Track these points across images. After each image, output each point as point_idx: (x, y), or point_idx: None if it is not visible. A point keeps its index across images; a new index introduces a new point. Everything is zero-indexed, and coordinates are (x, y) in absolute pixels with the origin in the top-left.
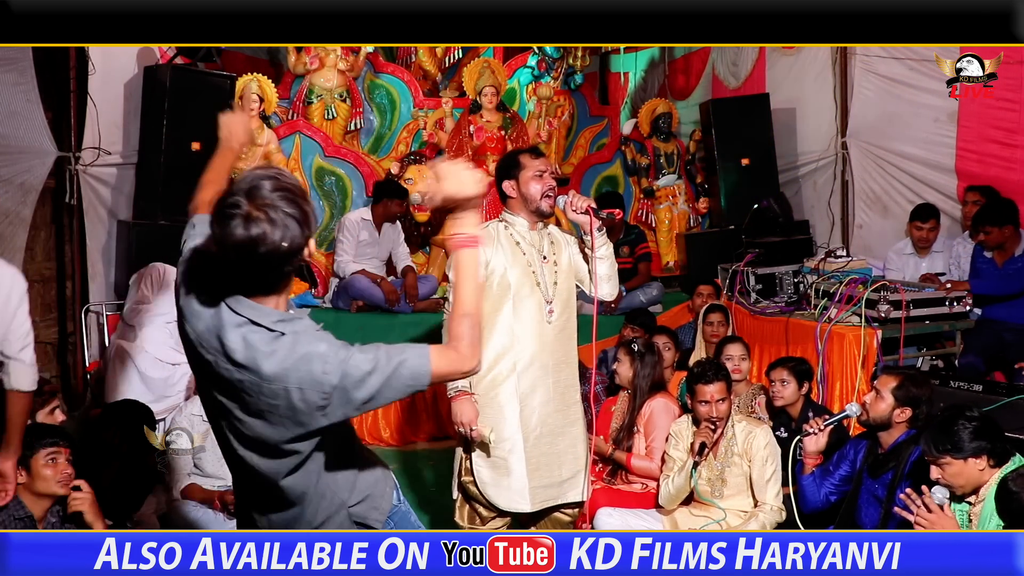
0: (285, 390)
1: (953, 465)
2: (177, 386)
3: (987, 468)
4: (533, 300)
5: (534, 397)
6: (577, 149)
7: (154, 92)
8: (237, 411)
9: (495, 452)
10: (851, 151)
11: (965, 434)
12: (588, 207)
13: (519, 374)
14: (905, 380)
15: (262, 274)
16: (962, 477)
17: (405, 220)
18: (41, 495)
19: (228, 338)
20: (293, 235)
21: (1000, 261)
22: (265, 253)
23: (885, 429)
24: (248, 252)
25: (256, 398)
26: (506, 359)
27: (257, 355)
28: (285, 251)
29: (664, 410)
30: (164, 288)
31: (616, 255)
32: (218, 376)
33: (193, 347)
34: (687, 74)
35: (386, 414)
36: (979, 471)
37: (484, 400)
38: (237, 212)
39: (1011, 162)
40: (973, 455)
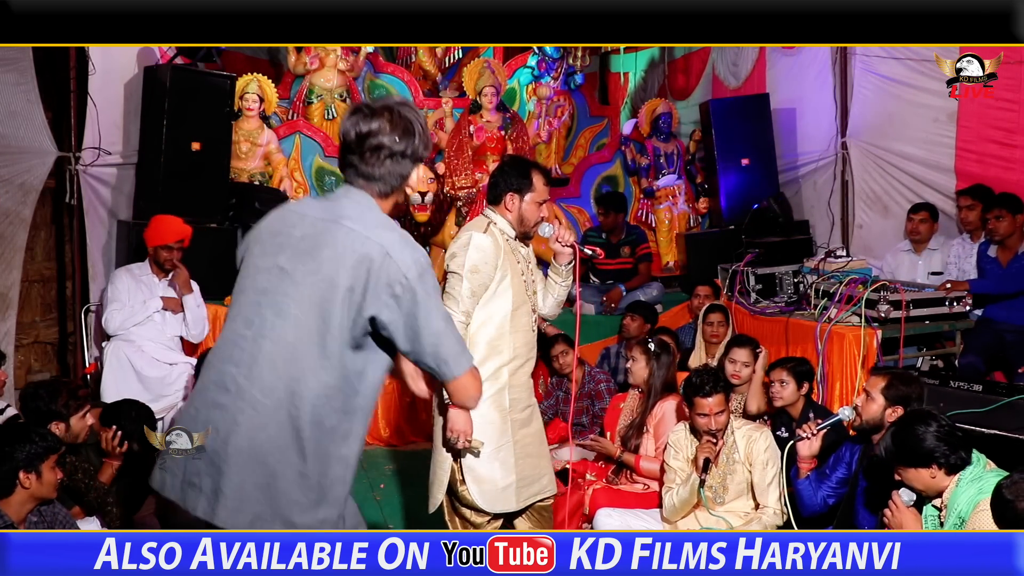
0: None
1: (907, 472)
2: (175, 385)
3: (940, 475)
4: (525, 309)
5: (520, 402)
6: (577, 149)
7: (154, 92)
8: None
9: (486, 458)
10: (851, 151)
11: (914, 444)
12: (574, 243)
13: (511, 381)
14: (893, 379)
15: (375, 171)
16: (918, 483)
17: (405, 220)
18: (34, 499)
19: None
20: (408, 140)
21: (1004, 260)
22: (377, 145)
23: (879, 431)
24: (363, 141)
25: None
26: (503, 367)
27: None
28: (399, 151)
29: (675, 410)
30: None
31: (617, 256)
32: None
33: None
34: (687, 74)
35: (386, 414)
36: (931, 479)
37: (485, 410)
38: (362, 109)
39: (1010, 162)
40: (922, 465)
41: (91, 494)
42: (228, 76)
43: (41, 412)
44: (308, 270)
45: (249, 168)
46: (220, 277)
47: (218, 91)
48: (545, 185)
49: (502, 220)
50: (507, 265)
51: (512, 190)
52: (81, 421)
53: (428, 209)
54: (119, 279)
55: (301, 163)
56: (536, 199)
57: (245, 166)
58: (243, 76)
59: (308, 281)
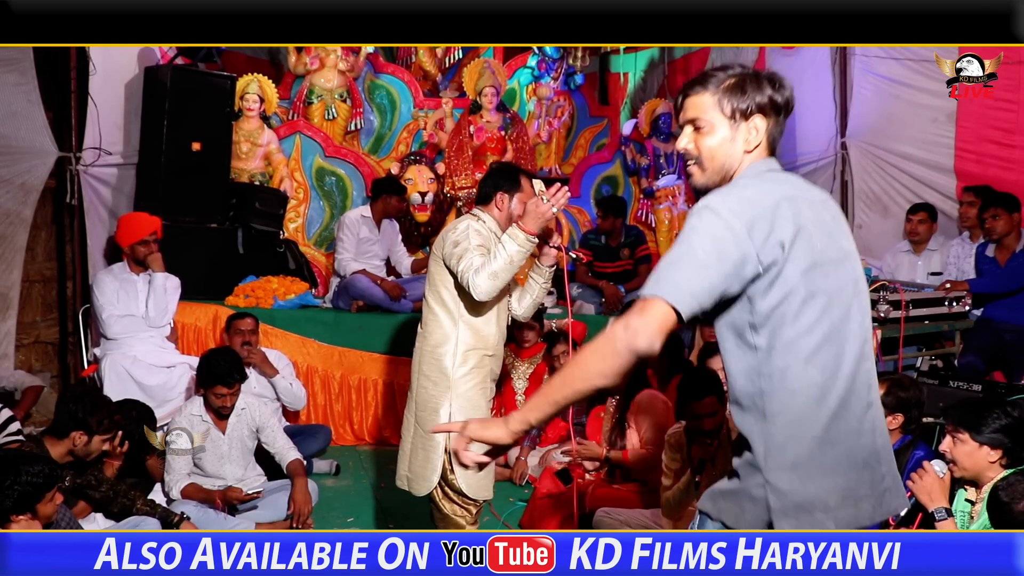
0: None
1: (967, 444)
2: (176, 388)
3: (997, 463)
4: (504, 305)
5: (490, 391)
6: (577, 149)
7: (155, 92)
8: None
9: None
10: (850, 151)
11: (992, 422)
12: (561, 245)
13: (492, 371)
14: (892, 386)
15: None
16: (971, 460)
17: (405, 220)
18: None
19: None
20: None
21: (1002, 260)
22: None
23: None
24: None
25: None
26: (489, 357)
27: None
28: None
29: (650, 400)
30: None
31: (617, 259)
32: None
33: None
34: (687, 74)
35: (387, 413)
36: (989, 462)
37: (470, 396)
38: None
39: (1009, 162)
40: (989, 444)
41: (103, 487)
42: (228, 76)
43: (73, 416)
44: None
45: (249, 168)
46: (220, 277)
47: (218, 91)
48: (532, 187)
49: (490, 219)
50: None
51: (502, 190)
52: (101, 443)
53: (428, 209)
54: (104, 283)
55: (301, 163)
56: (524, 199)
57: (245, 166)
58: (243, 76)
59: None
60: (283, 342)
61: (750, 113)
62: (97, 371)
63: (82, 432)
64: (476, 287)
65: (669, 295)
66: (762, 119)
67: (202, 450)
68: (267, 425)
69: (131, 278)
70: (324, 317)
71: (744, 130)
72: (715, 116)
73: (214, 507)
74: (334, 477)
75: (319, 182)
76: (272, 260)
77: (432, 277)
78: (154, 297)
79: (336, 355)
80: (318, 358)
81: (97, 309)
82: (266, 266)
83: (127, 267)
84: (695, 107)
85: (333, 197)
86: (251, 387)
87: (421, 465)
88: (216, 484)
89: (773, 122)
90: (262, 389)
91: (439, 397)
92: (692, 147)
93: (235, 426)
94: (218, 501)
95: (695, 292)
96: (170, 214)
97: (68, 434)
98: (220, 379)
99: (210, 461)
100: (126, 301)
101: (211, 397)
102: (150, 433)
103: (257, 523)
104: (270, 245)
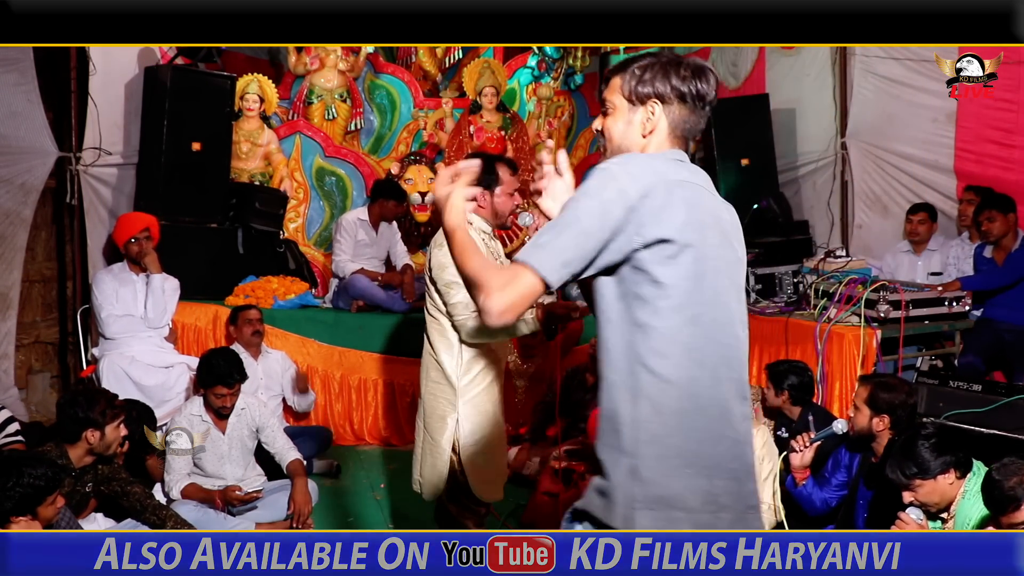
0: None
1: (924, 486)
2: (174, 388)
3: (955, 481)
4: None
5: (498, 392)
6: (577, 149)
7: (155, 92)
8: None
9: (484, 449)
10: (850, 151)
11: (927, 453)
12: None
13: (499, 375)
14: (875, 389)
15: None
16: (935, 495)
17: (405, 220)
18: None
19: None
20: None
21: (1000, 260)
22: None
23: (873, 440)
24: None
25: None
26: (494, 359)
27: None
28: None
29: None
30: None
31: None
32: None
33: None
34: None
35: (387, 413)
36: (949, 485)
37: (476, 402)
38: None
39: (1009, 162)
40: (941, 472)
41: (130, 498)
42: (228, 76)
43: (78, 419)
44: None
45: (249, 168)
46: (220, 277)
47: (218, 91)
48: (512, 175)
49: (478, 219)
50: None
51: (482, 187)
52: (116, 431)
53: (428, 209)
54: (103, 283)
55: (301, 163)
56: (506, 190)
57: (245, 166)
58: (243, 76)
59: None
60: (283, 342)
61: (646, 98)
62: (95, 371)
63: (92, 429)
64: (473, 331)
65: (539, 264)
66: (658, 105)
67: (202, 450)
68: (267, 425)
69: (130, 278)
70: (324, 317)
71: (641, 114)
72: (618, 99)
73: (214, 507)
74: (334, 477)
75: (319, 182)
76: (272, 260)
77: (429, 287)
78: (152, 298)
79: (336, 355)
80: (318, 358)
81: (96, 308)
82: (266, 266)
83: (127, 267)
84: (608, 89)
85: (333, 197)
86: (258, 387)
87: (429, 471)
88: (216, 484)
89: (677, 111)
90: (269, 383)
91: (446, 404)
92: (599, 127)
93: (235, 426)
94: (218, 501)
95: (569, 260)
96: (170, 214)
97: (80, 436)
98: (220, 379)
99: (210, 461)
100: (125, 301)
101: (211, 397)
102: (150, 433)
103: (257, 523)
104: (270, 245)
